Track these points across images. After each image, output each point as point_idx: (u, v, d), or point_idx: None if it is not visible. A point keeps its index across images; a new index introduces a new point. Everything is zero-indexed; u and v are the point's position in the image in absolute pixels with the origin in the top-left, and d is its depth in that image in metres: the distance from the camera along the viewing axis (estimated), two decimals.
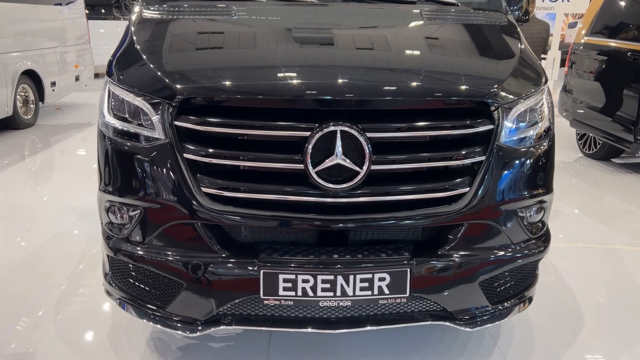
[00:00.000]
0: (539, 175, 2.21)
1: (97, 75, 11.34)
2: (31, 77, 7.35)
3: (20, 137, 6.96)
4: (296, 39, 2.30)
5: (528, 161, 2.16)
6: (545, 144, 2.23)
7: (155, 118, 2.02)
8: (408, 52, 2.26)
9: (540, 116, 2.22)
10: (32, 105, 7.47)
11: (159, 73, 2.06)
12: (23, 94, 7.26)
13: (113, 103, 2.17)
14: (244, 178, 1.98)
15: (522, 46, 2.40)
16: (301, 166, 1.92)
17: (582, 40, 6.48)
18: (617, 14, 6.17)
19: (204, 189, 1.97)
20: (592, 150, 6.45)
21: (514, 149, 2.12)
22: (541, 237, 2.29)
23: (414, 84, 2.04)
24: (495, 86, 2.07)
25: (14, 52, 6.92)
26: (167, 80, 2.01)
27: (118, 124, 2.13)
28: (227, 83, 2.00)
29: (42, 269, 3.31)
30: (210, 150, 1.96)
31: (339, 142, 1.89)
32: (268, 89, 1.98)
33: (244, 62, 2.17)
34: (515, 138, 2.12)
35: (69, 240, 3.75)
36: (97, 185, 2.24)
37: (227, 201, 1.97)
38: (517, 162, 2.13)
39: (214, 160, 1.95)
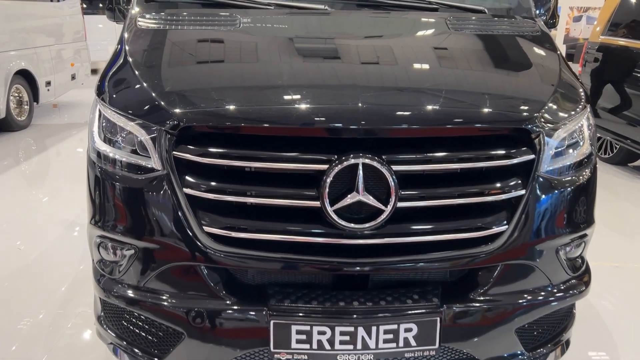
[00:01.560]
0: (582, 207, 1.98)
1: (94, 72, 11.08)
2: (25, 76, 7.09)
3: (14, 140, 6.72)
4: (310, 55, 2.05)
5: (571, 192, 1.92)
6: (587, 171, 1.99)
7: (151, 147, 1.78)
8: (436, 70, 2.01)
9: (582, 141, 1.98)
10: (26, 107, 7.21)
11: (155, 96, 1.81)
12: (17, 94, 7.00)
13: (104, 127, 1.93)
14: (252, 216, 1.74)
15: (561, 60, 2.15)
16: (317, 203, 1.68)
17: (599, 40, 6.22)
18: (636, 13, 5.90)
19: (206, 229, 1.73)
20: (609, 154, 6.21)
21: (556, 180, 1.88)
22: (582, 276, 2.05)
23: (446, 109, 1.80)
24: (537, 110, 1.82)
25: (6, 51, 6.65)
26: (164, 104, 1.77)
27: (110, 151, 1.89)
28: (233, 109, 1.75)
29: (30, 293, 3.08)
30: (213, 184, 1.72)
31: (360, 177, 1.65)
32: (280, 116, 1.73)
33: (252, 84, 1.91)
34: (557, 167, 1.88)
35: (61, 257, 3.52)
36: (87, 217, 2.00)
37: (232, 242, 1.73)
38: (559, 194, 1.89)
39: (218, 196, 1.71)
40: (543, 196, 1.84)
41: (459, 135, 1.77)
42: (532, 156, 1.78)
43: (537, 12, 2.69)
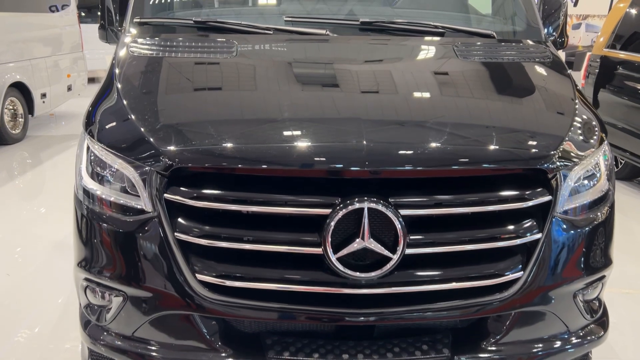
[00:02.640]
0: (601, 247, 1.86)
1: (91, 80, 10.96)
2: (19, 89, 6.96)
3: (8, 154, 6.59)
4: (311, 87, 1.94)
5: (589, 232, 1.81)
6: (606, 208, 1.88)
7: (140, 187, 1.66)
8: (445, 104, 1.89)
9: (599, 177, 1.86)
10: (20, 119, 7.08)
11: (146, 132, 1.69)
12: (11, 107, 6.88)
13: (92, 163, 1.81)
14: (248, 262, 1.62)
15: (575, 90, 2.04)
16: (319, 250, 1.56)
17: (602, 52, 6.12)
18: None
19: (199, 276, 1.61)
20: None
21: (573, 220, 1.76)
22: (600, 319, 1.93)
23: (456, 148, 1.68)
24: (554, 148, 1.70)
25: (0, 63, 6.53)
26: (156, 143, 1.65)
27: (97, 189, 1.77)
28: (229, 149, 1.63)
29: (16, 326, 2.95)
30: (207, 228, 1.60)
31: (366, 222, 1.53)
32: (279, 157, 1.61)
33: (249, 120, 1.79)
34: (574, 206, 1.77)
35: (49, 282, 3.39)
36: (74, 257, 1.88)
37: (227, 291, 1.61)
38: (577, 235, 1.77)
39: (212, 242, 1.59)
40: (560, 238, 1.72)
41: (471, 175, 1.66)
42: (549, 197, 1.67)
43: (546, 31, 2.58)
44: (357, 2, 2.72)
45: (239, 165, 1.59)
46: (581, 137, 1.82)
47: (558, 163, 1.68)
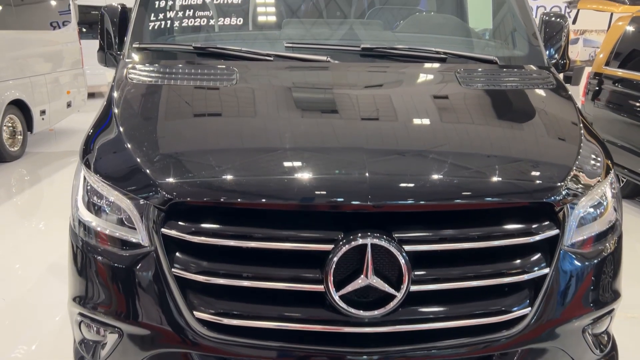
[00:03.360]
0: (610, 280, 1.82)
1: (92, 96, 10.97)
2: (19, 106, 6.95)
3: (7, 171, 6.55)
4: (312, 117, 1.90)
5: (597, 265, 1.76)
6: (613, 240, 1.84)
7: (137, 221, 1.62)
8: (448, 134, 1.85)
9: (606, 208, 1.82)
10: (19, 137, 7.05)
11: (143, 165, 1.66)
12: (10, 125, 6.85)
13: (88, 195, 1.77)
14: (247, 298, 1.57)
15: (581, 118, 2.01)
16: (320, 287, 1.51)
17: (602, 69, 6.12)
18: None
19: (197, 314, 1.56)
20: None
21: (581, 254, 1.72)
22: (609, 354, 1.88)
23: (462, 181, 1.64)
24: (561, 181, 1.67)
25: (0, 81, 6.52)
26: (153, 176, 1.61)
27: (93, 222, 1.73)
28: (228, 182, 1.60)
29: (15, 341, 2.88)
30: (205, 264, 1.56)
31: (369, 259, 1.49)
32: (279, 191, 1.57)
33: (249, 152, 1.75)
34: (581, 239, 1.73)
35: (49, 303, 3.32)
36: (68, 291, 1.83)
37: (225, 329, 1.56)
38: (585, 268, 1.73)
39: (210, 279, 1.54)
40: (568, 273, 1.68)
41: (476, 209, 1.62)
42: (556, 231, 1.63)
43: (548, 53, 2.55)
44: (358, 27, 2.71)
45: (239, 200, 1.55)
46: (588, 168, 1.79)
47: (565, 195, 1.64)
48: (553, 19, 2.66)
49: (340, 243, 1.49)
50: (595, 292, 1.75)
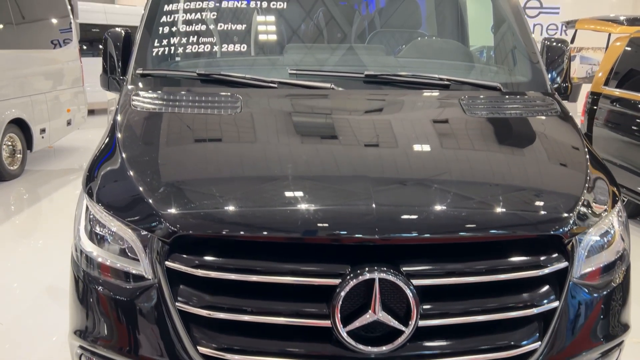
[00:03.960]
0: (620, 311, 1.79)
1: (91, 112, 10.98)
2: (19, 124, 6.94)
3: (6, 190, 6.51)
4: (316, 145, 1.89)
5: (606, 297, 1.74)
6: (622, 270, 1.82)
7: (141, 253, 1.60)
8: (455, 164, 1.84)
9: (614, 238, 1.80)
10: (19, 155, 7.03)
11: (147, 197, 1.64)
12: (10, 143, 6.84)
13: (91, 224, 1.75)
14: (253, 333, 1.54)
15: (586, 148, 2.00)
16: (327, 322, 1.49)
17: (601, 89, 6.15)
18: (638, 64, 5.85)
19: (200, 349, 1.53)
20: None
21: (590, 285, 1.70)
22: None
23: (470, 214, 1.62)
24: (569, 212, 1.65)
25: (0, 100, 6.52)
26: (158, 208, 1.59)
27: (95, 253, 1.71)
28: (234, 215, 1.58)
29: None
30: (210, 298, 1.53)
31: (377, 293, 1.46)
32: (286, 224, 1.55)
33: (254, 183, 1.74)
34: (590, 271, 1.71)
35: (46, 323, 3.27)
36: (69, 322, 1.80)
37: None
38: (595, 300, 1.71)
39: (214, 314, 1.51)
40: (578, 305, 1.66)
41: (486, 241, 1.60)
42: (565, 263, 1.61)
43: (550, 76, 2.54)
44: (361, 51, 2.71)
45: (244, 233, 1.54)
46: (595, 197, 1.77)
47: (574, 227, 1.62)
48: (554, 44, 2.67)
49: (348, 277, 1.47)
50: (605, 324, 1.73)
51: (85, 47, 11.60)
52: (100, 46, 13.59)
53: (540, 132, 2.10)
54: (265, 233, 1.53)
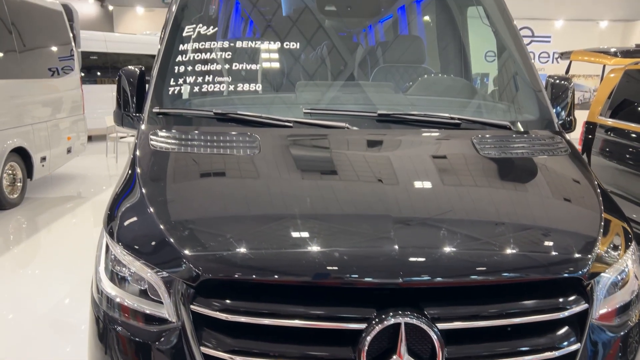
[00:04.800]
0: (636, 351, 1.80)
1: (89, 139, 10.99)
2: (19, 153, 6.95)
3: (5, 219, 6.48)
4: (337, 186, 1.92)
5: (624, 337, 1.76)
6: (638, 310, 1.84)
7: (165, 296, 1.61)
8: (476, 206, 1.87)
9: (629, 277, 1.83)
10: (19, 184, 7.02)
11: (172, 240, 1.65)
12: (10, 172, 6.83)
13: (112, 266, 1.75)
14: None
15: (599, 187, 2.04)
16: None
17: (596, 119, 6.26)
18: (633, 95, 5.98)
19: None
20: None
21: (609, 326, 1.72)
22: None
23: (495, 257, 1.64)
24: (589, 254, 1.68)
25: (2, 129, 6.54)
26: (183, 251, 1.60)
27: (117, 295, 1.71)
28: (261, 259, 1.59)
29: None
30: (235, 342, 1.53)
31: (403, 338, 1.48)
32: (313, 268, 1.56)
33: (279, 225, 1.75)
34: (608, 311, 1.73)
35: (43, 353, 3.23)
36: None
37: None
38: (613, 340, 1.72)
39: (240, 359, 1.51)
40: (598, 346, 1.67)
41: (508, 284, 1.62)
42: (586, 305, 1.63)
43: (555, 111, 2.60)
44: (370, 89, 2.77)
45: (274, 277, 1.55)
46: (612, 238, 1.81)
47: (593, 269, 1.65)
48: (558, 81, 2.74)
49: (374, 322, 1.48)
50: None
51: (83, 75, 11.72)
52: (99, 73, 13.73)
53: (554, 173, 2.14)
54: (293, 277, 1.54)
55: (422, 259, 1.60)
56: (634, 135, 5.65)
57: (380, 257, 1.58)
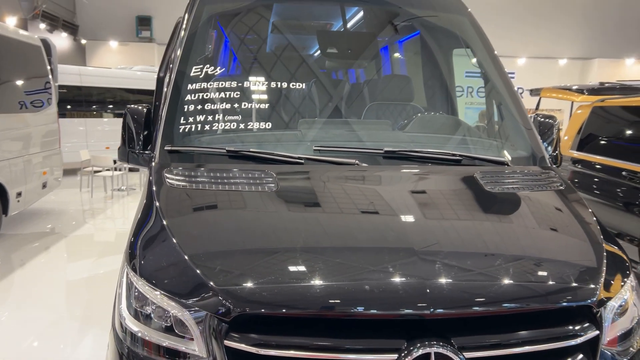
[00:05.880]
0: None
1: (65, 173, 10.78)
2: None
3: None
4: (360, 220, 1.99)
5: None
6: (638, 336, 1.95)
7: (196, 332, 1.63)
8: (492, 239, 1.97)
9: (629, 306, 1.95)
10: None
11: (203, 275, 1.68)
12: None
13: (136, 303, 1.76)
14: None
15: (597, 220, 2.18)
16: None
17: (569, 152, 6.58)
18: (607, 129, 6.32)
19: None
20: None
21: (617, 352, 1.82)
22: None
23: (516, 288, 1.74)
24: (597, 283, 1.80)
25: None
26: (216, 287, 1.64)
27: (144, 332, 1.71)
28: (295, 293, 1.64)
29: None
30: None
31: None
32: (346, 301, 1.62)
33: (309, 261, 1.79)
34: (613, 338, 1.83)
35: None
36: None
37: None
38: None
39: None
40: None
41: (522, 313, 1.71)
42: (597, 332, 1.73)
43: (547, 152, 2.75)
44: (373, 127, 2.90)
45: (309, 310, 1.59)
46: (614, 269, 1.93)
47: (602, 297, 1.76)
48: (544, 119, 2.93)
49: (404, 353, 1.54)
50: None
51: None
52: (71, 107, 13.56)
53: (556, 207, 2.27)
54: (327, 310, 1.59)
55: (449, 291, 1.67)
56: (599, 166, 5.97)
57: (409, 290, 1.65)
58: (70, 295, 5.30)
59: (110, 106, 13.72)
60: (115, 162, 10.80)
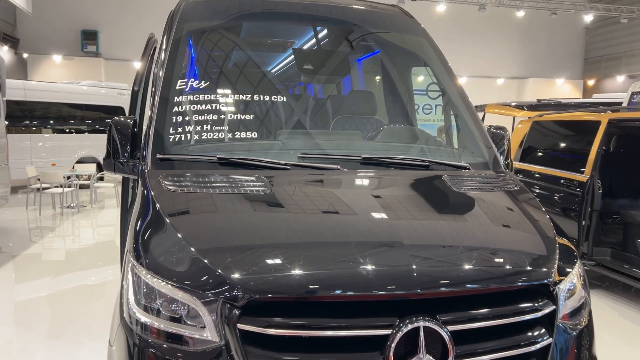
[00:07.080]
0: (590, 348, 2.22)
1: (13, 190, 10.37)
2: None
3: None
4: (351, 216, 2.21)
5: (581, 334, 2.17)
6: (587, 313, 2.27)
7: (207, 318, 1.78)
8: (468, 230, 2.25)
9: (577, 287, 2.27)
10: None
11: (212, 264, 1.84)
12: None
13: (144, 295, 1.89)
14: None
15: (548, 217, 2.51)
16: None
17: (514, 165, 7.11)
18: (545, 142, 6.90)
19: None
20: None
21: (570, 325, 2.13)
22: None
23: (489, 270, 2.02)
24: (553, 266, 2.10)
25: None
26: (226, 274, 1.80)
27: (155, 323, 1.85)
28: (304, 280, 1.82)
29: None
30: (279, 356, 1.74)
31: (422, 340, 1.77)
32: (351, 285, 1.83)
33: (312, 250, 2.00)
34: (566, 313, 2.14)
35: None
36: None
37: None
38: (573, 337, 2.13)
39: None
40: (563, 342, 2.07)
41: (497, 291, 1.98)
42: (554, 307, 2.03)
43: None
44: (345, 138, 3.16)
45: (315, 294, 1.78)
46: (565, 256, 2.25)
47: (557, 278, 2.07)
48: (496, 130, 3.30)
49: (398, 327, 1.77)
50: (582, 358, 2.15)
51: (7, 123, 11.16)
52: (15, 122, 13.07)
53: (515, 204, 2.59)
54: (332, 293, 1.79)
55: (435, 274, 1.92)
56: (538, 175, 6.52)
57: (401, 273, 1.88)
58: (19, 314, 5.16)
59: (56, 122, 13.34)
60: (67, 178, 10.52)
